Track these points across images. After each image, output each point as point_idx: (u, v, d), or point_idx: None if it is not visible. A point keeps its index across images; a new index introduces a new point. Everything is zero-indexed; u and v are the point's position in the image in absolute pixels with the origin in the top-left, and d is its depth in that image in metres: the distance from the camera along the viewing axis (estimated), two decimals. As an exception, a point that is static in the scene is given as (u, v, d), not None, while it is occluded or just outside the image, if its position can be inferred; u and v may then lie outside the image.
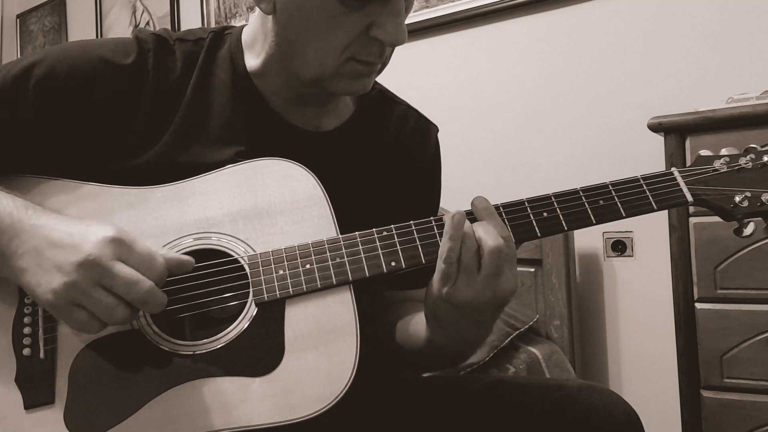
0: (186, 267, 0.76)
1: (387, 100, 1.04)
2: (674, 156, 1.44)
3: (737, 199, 0.82)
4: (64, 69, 0.84)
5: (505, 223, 0.80)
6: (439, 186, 1.09)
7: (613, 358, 1.96)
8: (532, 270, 1.95)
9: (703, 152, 0.85)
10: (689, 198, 0.82)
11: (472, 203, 0.80)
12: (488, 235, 0.76)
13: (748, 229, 0.82)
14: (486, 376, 1.53)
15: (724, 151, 0.84)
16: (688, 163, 1.44)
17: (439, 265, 0.77)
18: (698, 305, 1.43)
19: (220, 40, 0.95)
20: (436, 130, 1.07)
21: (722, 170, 0.83)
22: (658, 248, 1.76)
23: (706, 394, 1.43)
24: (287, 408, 0.72)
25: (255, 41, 0.92)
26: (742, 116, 1.38)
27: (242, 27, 0.96)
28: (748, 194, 0.82)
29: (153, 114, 0.87)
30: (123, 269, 0.71)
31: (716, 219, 1.37)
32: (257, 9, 0.89)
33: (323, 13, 0.82)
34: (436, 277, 0.78)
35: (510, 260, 0.78)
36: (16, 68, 0.84)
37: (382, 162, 0.99)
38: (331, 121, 0.97)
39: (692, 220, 1.44)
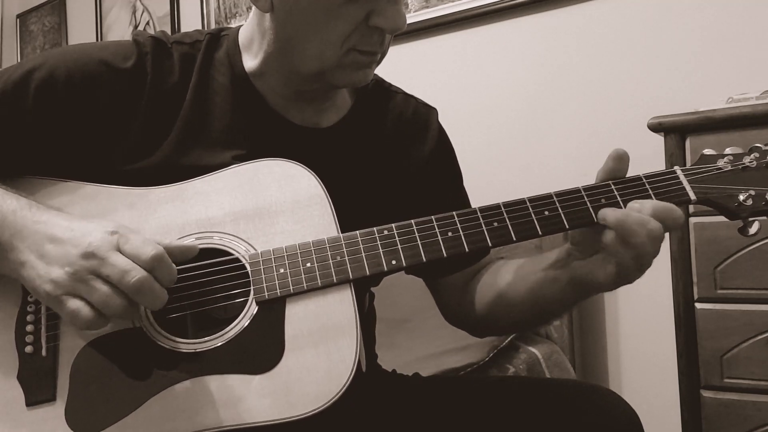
0: (189, 253, 0.77)
1: (384, 90, 1.04)
2: (674, 156, 1.44)
3: (741, 197, 0.81)
4: (64, 73, 0.85)
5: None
6: (456, 167, 1.08)
7: (613, 358, 1.96)
8: (532, 270, 1.95)
9: (707, 151, 0.84)
10: (692, 196, 0.82)
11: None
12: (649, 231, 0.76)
13: (753, 228, 0.82)
14: (486, 377, 1.53)
15: (728, 150, 0.83)
16: (689, 163, 1.44)
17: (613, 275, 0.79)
18: (698, 305, 1.43)
19: (217, 42, 0.95)
20: (436, 113, 1.07)
21: (726, 169, 0.83)
22: (658, 248, 1.75)
23: (706, 394, 1.43)
24: (286, 405, 0.73)
25: (252, 41, 0.93)
26: (742, 116, 1.38)
27: (238, 28, 0.96)
28: (753, 192, 0.81)
29: (153, 117, 0.87)
30: (119, 258, 0.71)
31: (716, 219, 1.38)
32: (254, 8, 0.89)
33: (322, 6, 0.82)
34: (611, 284, 0.80)
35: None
36: (17, 73, 0.85)
37: (385, 152, 0.99)
38: (330, 116, 0.97)
39: (692, 220, 1.44)
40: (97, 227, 0.73)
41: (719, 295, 1.41)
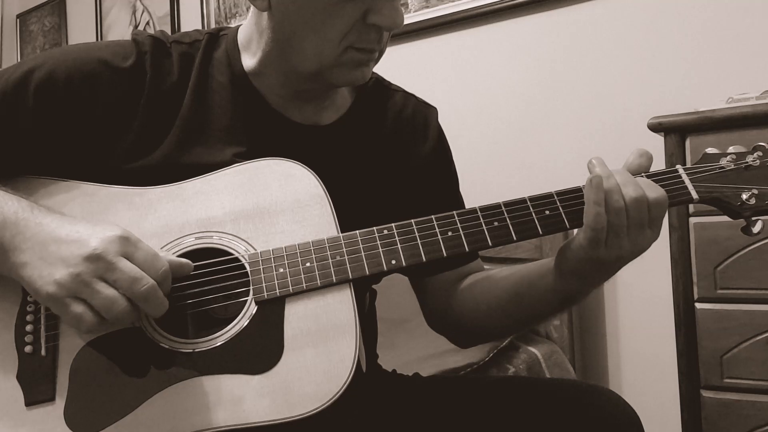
0: (185, 269, 0.77)
1: (383, 88, 1.04)
2: (674, 156, 1.44)
3: (744, 196, 0.81)
4: (64, 72, 0.85)
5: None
6: (452, 167, 1.08)
7: (613, 358, 1.96)
8: (532, 270, 1.94)
9: (710, 150, 0.84)
10: (695, 195, 0.82)
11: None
12: (630, 187, 0.77)
13: (757, 227, 0.82)
14: (486, 377, 1.53)
15: (731, 149, 0.83)
16: (689, 164, 1.44)
17: (587, 231, 0.78)
18: (698, 305, 1.43)
19: (216, 41, 0.95)
20: (436, 112, 1.07)
21: (729, 168, 0.83)
22: (658, 248, 1.75)
23: (706, 394, 1.43)
24: (285, 405, 0.72)
25: (251, 41, 0.93)
26: (742, 116, 1.37)
27: (237, 27, 0.96)
28: (756, 191, 0.81)
29: (153, 116, 0.87)
30: (127, 265, 0.71)
31: (716, 219, 1.38)
32: (252, 8, 0.89)
33: (319, 5, 0.82)
34: (584, 242, 0.79)
35: (660, 214, 0.80)
36: (17, 73, 0.85)
37: (384, 150, 0.99)
38: (330, 115, 0.97)
39: (692, 220, 1.44)
40: (104, 230, 0.73)
41: (719, 295, 1.41)
